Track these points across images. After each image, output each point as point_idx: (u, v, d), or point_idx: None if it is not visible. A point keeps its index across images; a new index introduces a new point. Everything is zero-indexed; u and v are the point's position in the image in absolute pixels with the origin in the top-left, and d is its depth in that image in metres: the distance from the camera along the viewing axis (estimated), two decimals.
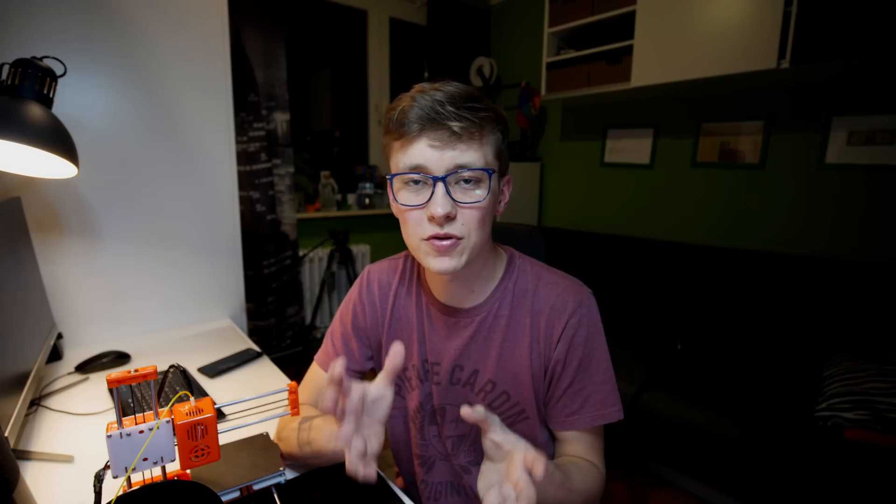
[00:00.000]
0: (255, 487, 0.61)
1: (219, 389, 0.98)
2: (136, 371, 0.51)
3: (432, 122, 0.54)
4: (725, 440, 1.48)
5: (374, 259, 2.91)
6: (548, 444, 0.71)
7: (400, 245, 0.63)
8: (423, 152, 0.56)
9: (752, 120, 2.01)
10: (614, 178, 2.56)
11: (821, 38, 1.53)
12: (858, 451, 1.28)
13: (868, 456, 1.26)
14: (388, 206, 2.98)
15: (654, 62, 1.95)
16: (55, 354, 1.07)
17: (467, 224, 0.58)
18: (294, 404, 0.57)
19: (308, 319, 2.66)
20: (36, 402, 0.90)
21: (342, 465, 0.71)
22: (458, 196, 0.57)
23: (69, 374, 1.02)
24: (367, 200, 2.87)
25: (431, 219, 0.57)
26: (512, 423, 0.69)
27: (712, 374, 1.75)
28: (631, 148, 2.46)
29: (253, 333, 2.31)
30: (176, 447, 0.52)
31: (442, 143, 0.55)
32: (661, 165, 2.36)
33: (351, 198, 2.92)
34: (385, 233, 2.99)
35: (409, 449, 0.78)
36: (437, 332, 0.71)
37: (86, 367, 1.03)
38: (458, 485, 0.75)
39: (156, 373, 0.52)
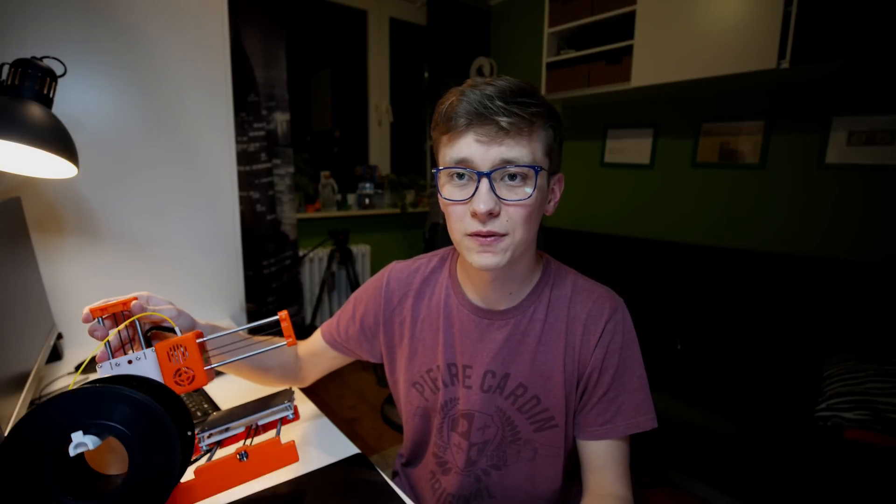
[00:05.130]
0: (261, 423, 0.59)
1: (219, 389, 0.98)
2: (116, 300, 0.53)
3: (480, 117, 0.54)
4: (725, 440, 1.48)
5: (373, 259, 2.91)
6: (574, 453, 0.70)
7: (400, 245, 0.63)
8: (470, 147, 0.55)
9: (752, 120, 2.01)
10: (614, 178, 2.56)
11: (821, 38, 1.53)
12: (858, 451, 1.28)
13: (868, 456, 1.26)
14: (388, 206, 3.00)
15: (654, 62, 1.95)
16: (55, 354, 1.07)
17: (512, 221, 0.56)
18: (288, 332, 0.53)
19: (308, 319, 2.66)
20: (36, 402, 0.90)
21: (342, 465, 0.72)
22: (503, 193, 0.56)
23: (69, 374, 1.02)
24: (367, 200, 2.87)
25: (474, 215, 0.56)
26: (539, 430, 0.68)
27: (712, 374, 1.75)
28: (631, 148, 2.46)
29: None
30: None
31: (489, 139, 0.54)
32: (661, 165, 2.36)
33: (351, 198, 2.92)
34: (385, 233, 2.99)
35: (427, 446, 0.78)
36: (469, 334, 0.70)
37: (86, 367, 1.03)
38: (470, 494, 0.74)
39: (133, 300, 0.54)
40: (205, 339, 0.53)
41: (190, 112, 1.27)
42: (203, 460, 0.53)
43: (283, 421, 0.59)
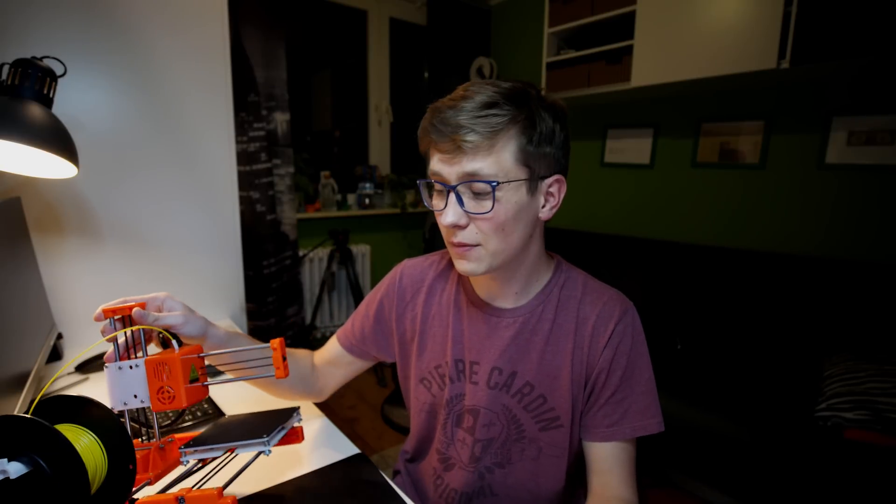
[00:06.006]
0: (239, 452, 0.56)
1: (219, 388, 0.98)
2: (125, 303, 0.55)
3: (441, 135, 0.56)
4: (725, 440, 1.48)
5: (374, 259, 2.91)
6: (578, 454, 0.71)
7: (400, 245, 0.64)
8: (437, 162, 0.59)
9: (752, 120, 2.01)
10: (614, 178, 2.57)
11: (821, 38, 1.53)
12: (858, 451, 1.28)
13: (868, 456, 1.26)
14: (388, 206, 3.01)
15: (654, 62, 1.95)
16: (55, 354, 1.07)
17: (482, 232, 0.58)
18: (278, 363, 0.51)
19: (308, 319, 2.66)
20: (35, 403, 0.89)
21: (343, 465, 0.72)
22: (470, 206, 0.58)
23: (69, 374, 1.02)
24: (367, 200, 2.87)
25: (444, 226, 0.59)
26: (544, 429, 0.68)
27: (712, 374, 1.75)
28: (631, 148, 2.46)
29: (253, 333, 2.30)
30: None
31: (450, 155, 0.57)
32: (661, 165, 2.36)
33: (351, 198, 2.92)
34: (385, 233, 2.99)
35: (431, 443, 0.78)
36: (477, 331, 0.70)
37: (86, 367, 1.03)
38: (473, 492, 0.74)
39: (137, 307, 0.55)
40: (187, 356, 0.52)
41: (190, 112, 1.27)
42: (175, 476, 0.53)
43: (294, 433, 0.59)
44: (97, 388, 0.98)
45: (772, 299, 1.84)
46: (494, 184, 0.55)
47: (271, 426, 0.56)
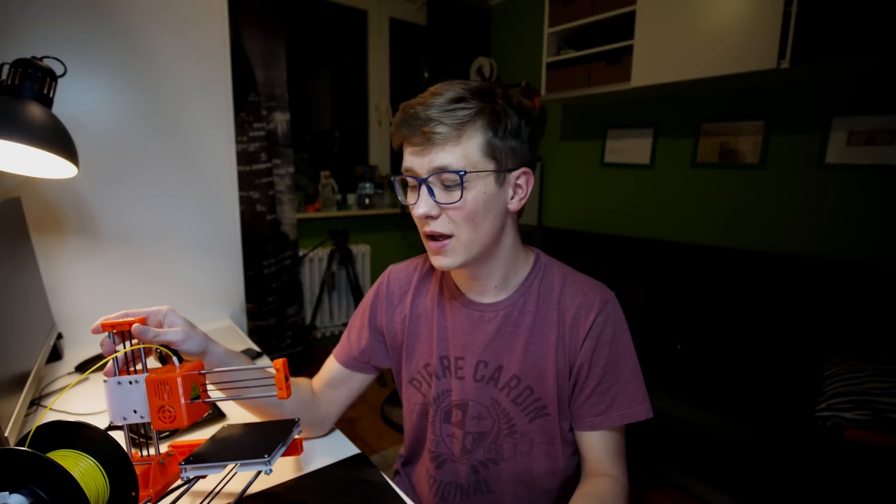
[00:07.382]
0: (239, 471, 0.55)
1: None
2: (126, 317, 0.54)
3: (411, 129, 0.58)
4: (725, 440, 1.48)
5: (373, 259, 2.91)
6: (567, 441, 0.71)
7: (400, 245, 0.64)
8: (409, 157, 0.61)
9: (752, 120, 2.01)
10: (614, 179, 2.57)
11: (821, 38, 1.53)
12: (858, 451, 1.28)
13: (868, 456, 1.26)
14: (388, 206, 3.00)
15: (654, 62, 1.95)
16: (55, 354, 1.07)
17: (453, 222, 0.61)
18: (280, 384, 0.51)
19: (308, 319, 2.67)
20: (36, 403, 0.90)
21: (342, 465, 0.72)
22: (441, 197, 0.60)
23: (69, 374, 1.02)
24: (367, 200, 2.87)
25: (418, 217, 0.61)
26: (533, 419, 0.70)
27: (712, 374, 1.75)
28: (631, 148, 2.46)
29: (253, 333, 2.31)
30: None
31: (420, 148, 0.59)
32: (661, 165, 2.36)
33: (351, 198, 2.92)
34: (385, 233, 2.99)
35: (424, 443, 0.79)
36: (461, 326, 0.71)
37: (86, 367, 1.03)
38: (468, 486, 0.74)
39: (144, 321, 0.55)
40: (188, 374, 0.52)
41: (190, 112, 1.27)
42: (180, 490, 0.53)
43: (294, 445, 0.59)
44: (97, 388, 0.98)
45: (772, 299, 1.84)
46: (462, 173, 0.58)
47: (272, 443, 0.55)
